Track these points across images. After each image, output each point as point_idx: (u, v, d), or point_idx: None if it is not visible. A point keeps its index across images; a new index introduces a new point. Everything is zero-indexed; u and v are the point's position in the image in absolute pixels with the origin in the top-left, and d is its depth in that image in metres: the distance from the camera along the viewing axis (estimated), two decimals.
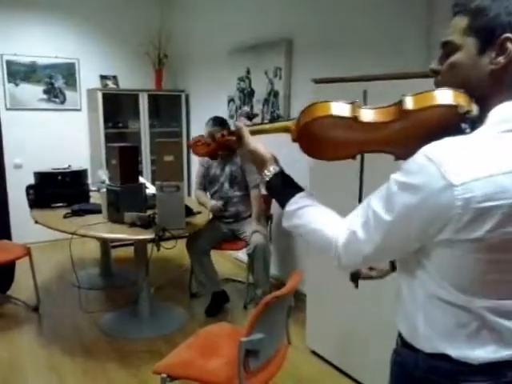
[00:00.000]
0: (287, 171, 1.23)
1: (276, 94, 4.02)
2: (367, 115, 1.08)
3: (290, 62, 3.87)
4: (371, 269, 1.42)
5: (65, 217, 3.36)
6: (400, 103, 1.03)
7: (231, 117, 4.71)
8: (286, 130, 1.21)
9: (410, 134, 1.05)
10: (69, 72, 5.38)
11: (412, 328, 1.06)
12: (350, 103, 1.10)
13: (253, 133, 1.26)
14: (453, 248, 0.94)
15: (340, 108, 1.09)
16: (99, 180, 3.89)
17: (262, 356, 2.04)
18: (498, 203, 0.89)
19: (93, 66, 5.47)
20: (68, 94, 5.42)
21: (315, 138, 1.14)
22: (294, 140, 1.18)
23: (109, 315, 3.64)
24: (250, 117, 1.26)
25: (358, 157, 1.24)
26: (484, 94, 0.98)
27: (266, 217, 3.92)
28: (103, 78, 5.49)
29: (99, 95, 5.11)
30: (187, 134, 5.62)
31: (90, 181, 4.15)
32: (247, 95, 4.43)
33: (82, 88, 5.47)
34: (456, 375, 1.00)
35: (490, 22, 0.95)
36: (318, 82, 2.82)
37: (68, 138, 5.45)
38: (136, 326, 3.48)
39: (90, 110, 5.47)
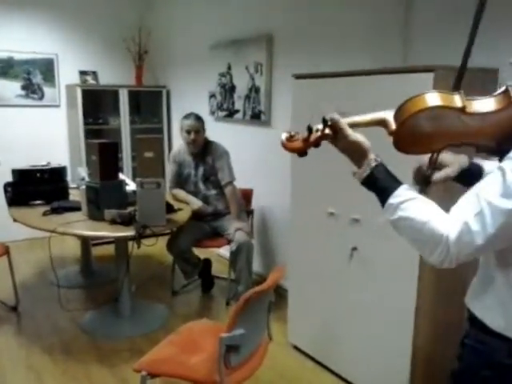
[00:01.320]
0: None
1: (257, 90, 4.01)
2: (475, 105, 1.05)
3: (271, 58, 3.87)
4: (433, 169, 1.27)
5: (44, 214, 3.31)
6: (508, 92, 1.02)
7: (212, 113, 4.69)
8: (381, 122, 1.16)
9: (510, 126, 1.05)
10: (47, 68, 5.29)
11: (506, 316, 1.07)
12: (457, 94, 1.06)
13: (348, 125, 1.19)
14: None
15: (449, 98, 1.05)
16: (79, 177, 3.84)
17: (243, 352, 2.03)
18: None
19: (72, 61, 5.39)
20: (46, 89, 5.33)
21: (415, 131, 1.10)
22: (391, 133, 1.13)
23: (89, 314, 3.61)
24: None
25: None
26: None
27: (246, 212, 3.92)
28: (82, 73, 5.41)
29: (78, 91, 5.04)
30: (168, 131, 5.58)
31: (69, 178, 4.09)
32: (228, 91, 4.41)
33: (60, 84, 5.38)
34: None
35: None
36: (298, 77, 2.82)
37: (47, 135, 5.36)
38: (117, 324, 3.45)
39: (69, 106, 5.39)
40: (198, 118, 3.84)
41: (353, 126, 1.18)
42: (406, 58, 2.77)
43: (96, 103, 5.46)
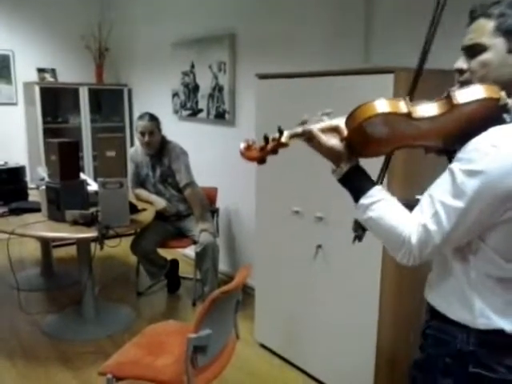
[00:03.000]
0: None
1: (221, 89, 4.01)
2: (419, 110, 1.11)
3: (234, 57, 3.87)
4: None
5: (1, 216, 3.21)
6: (449, 97, 1.08)
7: (175, 111, 4.66)
8: (335, 129, 1.21)
9: (455, 126, 1.11)
10: (2, 64, 5.12)
11: (467, 309, 1.14)
12: (403, 100, 1.12)
13: (302, 134, 1.24)
14: None
15: (394, 104, 1.11)
16: (38, 177, 3.73)
17: (211, 352, 2.03)
18: None
19: (29, 58, 5.24)
20: (2, 87, 5.16)
21: (365, 136, 1.17)
22: (343, 139, 1.20)
23: (51, 317, 3.52)
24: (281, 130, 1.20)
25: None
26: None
27: (211, 212, 3.90)
28: (40, 70, 5.27)
29: (36, 89, 4.91)
30: (130, 129, 5.49)
31: (28, 178, 3.98)
32: (192, 90, 4.39)
33: (17, 81, 5.23)
34: (506, 348, 1.10)
35: None
36: (262, 77, 2.83)
37: (4, 134, 5.19)
38: (80, 326, 3.39)
39: (27, 104, 5.24)
40: (153, 119, 3.73)
41: (308, 134, 1.22)
42: (367, 58, 2.82)
43: (55, 101, 5.34)
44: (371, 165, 1.30)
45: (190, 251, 4.11)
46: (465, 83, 1.14)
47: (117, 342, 2.99)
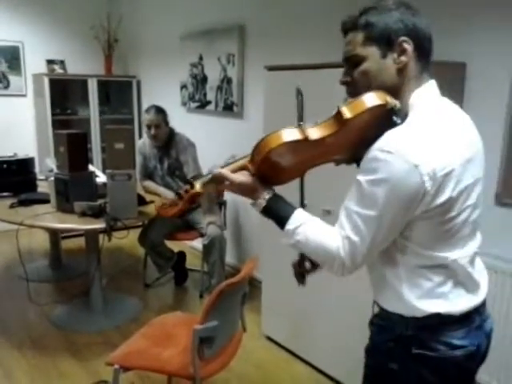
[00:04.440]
0: None
1: (229, 81, 3.99)
2: (315, 132, 1.17)
3: (243, 49, 3.85)
4: (312, 261, 1.45)
5: (11, 207, 3.23)
6: (339, 114, 1.14)
7: (184, 103, 4.65)
8: (244, 168, 1.27)
9: (353, 138, 1.18)
10: (12, 56, 5.14)
11: (400, 301, 1.20)
12: (296, 127, 1.18)
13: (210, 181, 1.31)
14: (427, 214, 1.10)
15: (290, 133, 1.17)
16: (47, 168, 3.75)
17: (217, 343, 2.04)
18: (452, 167, 1.08)
19: (38, 49, 5.24)
20: (12, 78, 5.18)
21: (273, 167, 1.23)
22: (253, 175, 1.25)
23: (60, 308, 3.55)
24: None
25: None
26: (396, 90, 1.16)
27: (218, 204, 3.90)
28: (50, 62, 5.27)
29: (46, 80, 4.92)
30: (139, 121, 5.49)
31: (37, 169, 4.00)
32: (200, 82, 4.37)
33: (27, 73, 5.24)
34: (442, 328, 1.18)
35: (385, 30, 1.14)
36: (270, 69, 2.81)
37: (13, 125, 5.22)
38: (88, 317, 3.41)
39: (36, 95, 5.26)
40: (159, 112, 3.70)
41: (218, 177, 1.28)
42: None
43: (64, 93, 5.35)
44: (288, 189, 1.35)
45: (198, 243, 4.11)
46: (353, 94, 1.18)
47: (124, 333, 3.01)
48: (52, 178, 3.20)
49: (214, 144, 4.24)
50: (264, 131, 2.84)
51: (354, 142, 1.19)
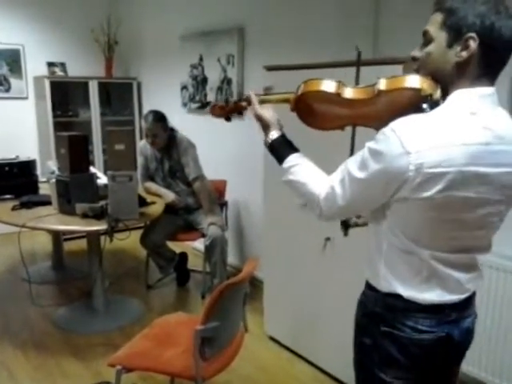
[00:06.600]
0: None
1: (229, 82, 4.00)
2: (349, 92, 1.27)
3: (243, 50, 3.85)
4: (358, 217, 1.60)
5: (13, 209, 3.24)
6: (375, 84, 1.21)
7: (184, 104, 4.66)
8: (286, 100, 1.40)
9: (385, 110, 1.23)
10: (13, 59, 5.15)
11: (375, 272, 1.30)
12: (337, 81, 1.29)
13: (260, 101, 1.47)
14: (407, 204, 1.14)
15: (327, 85, 1.29)
16: (49, 170, 3.76)
17: (219, 344, 2.04)
18: (446, 170, 1.08)
19: (39, 52, 5.25)
20: (13, 81, 5.19)
21: (309, 108, 1.35)
22: (292, 109, 1.38)
23: (62, 309, 3.56)
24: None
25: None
26: (448, 81, 1.17)
27: (220, 205, 3.90)
28: (50, 65, 5.28)
29: (47, 83, 4.93)
30: (140, 123, 5.50)
31: (39, 171, 4.01)
32: (200, 83, 4.38)
33: (28, 75, 5.25)
34: (406, 311, 1.23)
35: (460, 21, 1.12)
36: (269, 69, 2.82)
37: (15, 128, 5.23)
38: (91, 319, 3.42)
39: (37, 98, 5.27)
40: (157, 120, 3.61)
41: (264, 101, 1.47)
42: (376, 49, 2.79)
43: (65, 95, 5.36)
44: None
45: (200, 244, 4.12)
46: (416, 71, 1.22)
47: (127, 334, 3.01)
48: (53, 180, 3.21)
49: (215, 144, 4.25)
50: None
51: (381, 115, 1.22)
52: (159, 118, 3.66)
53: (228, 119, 1.62)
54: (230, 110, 1.58)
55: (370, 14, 2.79)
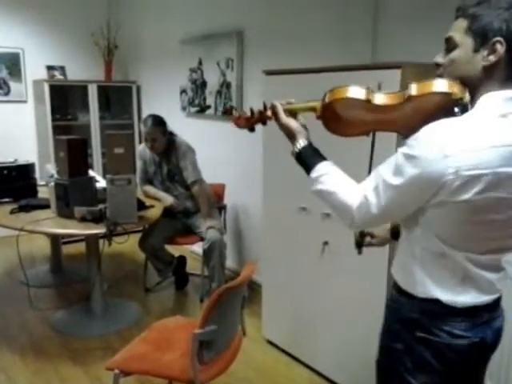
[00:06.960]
0: None
1: (228, 86, 4.01)
2: (379, 98, 1.26)
3: (242, 54, 3.86)
4: (372, 237, 1.62)
5: (11, 212, 3.24)
6: (406, 89, 1.21)
7: (183, 108, 4.67)
8: (312, 109, 1.38)
9: (413, 115, 1.23)
10: (13, 62, 5.16)
11: (409, 278, 1.29)
12: (366, 88, 1.27)
13: (285, 111, 1.44)
14: (444, 208, 1.15)
15: (357, 91, 1.27)
16: (47, 174, 3.77)
17: (217, 347, 2.04)
18: (482, 172, 1.09)
19: (38, 56, 5.27)
20: (12, 85, 5.20)
21: (336, 116, 1.34)
22: (318, 117, 1.37)
23: (60, 313, 3.55)
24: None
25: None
26: (476, 85, 1.18)
27: (218, 208, 3.90)
28: (50, 68, 5.29)
29: (46, 86, 4.94)
30: (139, 126, 5.50)
31: (37, 175, 4.01)
32: (200, 86, 4.39)
33: (27, 79, 5.27)
34: (443, 316, 1.23)
35: (486, 26, 1.14)
36: (269, 73, 2.83)
37: (14, 131, 5.24)
38: (89, 322, 3.41)
39: (36, 101, 5.28)
40: (156, 124, 3.61)
41: (289, 110, 1.43)
42: (375, 53, 2.81)
43: (64, 99, 5.37)
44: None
45: (198, 248, 4.12)
46: (439, 77, 1.23)
47: (125, 338, 3.01)
48: (52, 184, 3.21)
49: (214, 148, 4.25)
50: (263, 135, 2.85)
51: (408, 120, 1.24)
52: (158, 122, 3.66)
53: (252, 130, 1.59)
54: (256, 120, 1.56)
55: (369, 18, 2.80)
